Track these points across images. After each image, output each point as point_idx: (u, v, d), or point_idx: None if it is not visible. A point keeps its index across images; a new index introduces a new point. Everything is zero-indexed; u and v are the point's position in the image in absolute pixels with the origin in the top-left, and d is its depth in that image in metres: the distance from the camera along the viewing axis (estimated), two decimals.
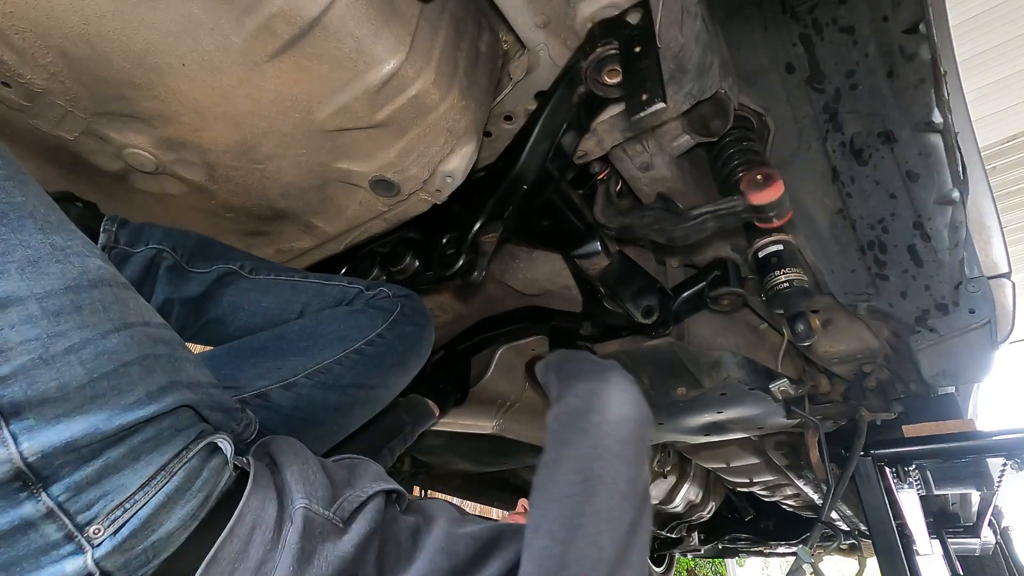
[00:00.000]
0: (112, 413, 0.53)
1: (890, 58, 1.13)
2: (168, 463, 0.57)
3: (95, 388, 0.52)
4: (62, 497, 0.50)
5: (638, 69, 0.83)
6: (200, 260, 0.97)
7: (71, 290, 0.53)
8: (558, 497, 0.64)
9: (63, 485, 0.50)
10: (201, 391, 0.65)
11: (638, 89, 0.81)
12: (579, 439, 0.69)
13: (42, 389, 0.49)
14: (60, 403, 0.50)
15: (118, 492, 0.53)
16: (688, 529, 4.12)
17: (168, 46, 0.75)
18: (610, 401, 0.73)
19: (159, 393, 0.57)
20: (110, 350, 0.54)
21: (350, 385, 0.94)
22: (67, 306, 0.52)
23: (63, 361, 0.51)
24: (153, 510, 0.55)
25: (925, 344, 1.47)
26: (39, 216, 0.54)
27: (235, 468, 0.65)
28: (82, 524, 0.51)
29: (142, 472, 0.55)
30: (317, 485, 0.66)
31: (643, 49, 0.83)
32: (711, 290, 1.41)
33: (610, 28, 0.88)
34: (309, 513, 0.62)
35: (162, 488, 0.56)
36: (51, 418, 0.50)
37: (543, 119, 1.03)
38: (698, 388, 1.71)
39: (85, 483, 0.52)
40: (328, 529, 0.63)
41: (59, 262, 0.53)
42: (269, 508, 0.62)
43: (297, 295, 1.01)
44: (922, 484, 1.70)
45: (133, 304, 0.59)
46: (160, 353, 0.60)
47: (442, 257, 1.13)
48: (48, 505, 0.50)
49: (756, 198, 0.98)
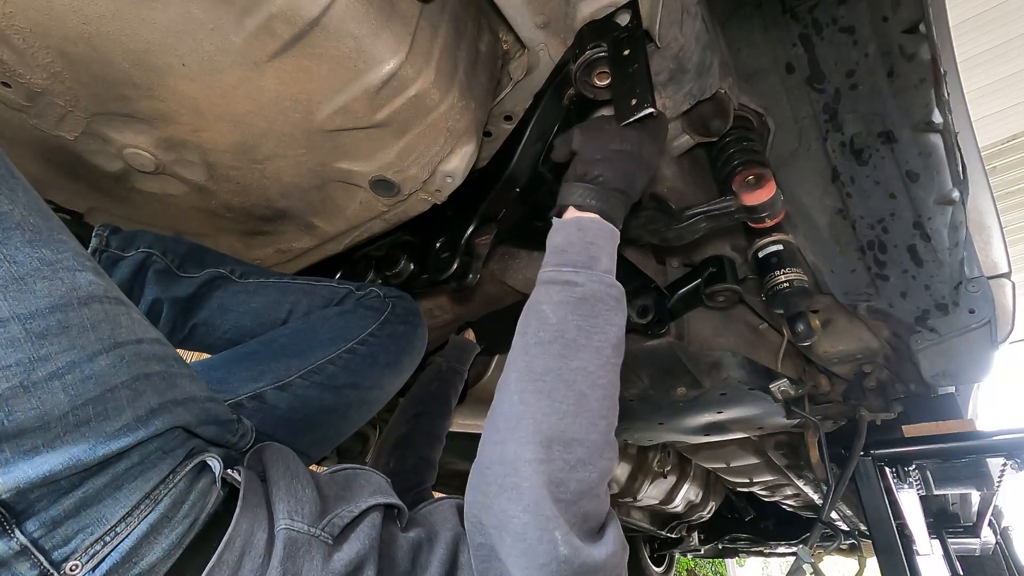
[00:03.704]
0: (96, 442, 0.49)
1: (890, 58, 1.13)
2: (153, 490, 0.54)
3: (78, 416, 0.48)
4: (37, 533, 0.47)
5: (627, 73, 0.81)
6: (191, 265, 0.97)
7: (58, 309, 0.49)
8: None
9: (38, 521, 0.47)
10: (195, 406, 0.62)
11: (627, 94, 0.79)
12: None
13: (21, 419, 0.45)
14: (39, 433, 0.46)
15: (97, 525, 0.50)
16: (688, 529, 4.12)
17: (168, 46, 0.75)
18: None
19: (148, 417, 0.54)
20: (97, 373, 0.50)
21: (345, 385, 0.93)
22: (53, 327, 0.48)
23: (45, 388, 0.47)
24: (135, 542, 0.51)
25: (925, 344, 1.48)
26: (28, 227, 0.50)
27: (224, 485, 0.61)
28: (58, 561, 0.48)
29: (124, 502, 0.51)
30: (304, 501, 0.62)
31: (632, 52, 0.82)
32: (707, 287, 1.41)
33: (599, 30, 0.88)
34: (292, 533, 0.58)
35: (145, 518, 0.52)
36: (28, 450, 0.46)
37: (534, 121, 1.02)
38: (698, 388, 1.71)
39: (62, 517, 0.48)
40: (314, 547, 0.59)
41: (47, 279, 0.49)
42: (259, 532, 0.58)
43: (286, 296, 1.01)
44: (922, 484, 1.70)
45: (125, 320, 0.56)
46: (152, 371, 0.56)
47: (436, 261, 1.13)
48: (22, 543, 0.46)
49: (748, 198, 0.98)
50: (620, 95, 0.81)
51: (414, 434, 1.28)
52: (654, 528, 3.73)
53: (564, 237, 0.70)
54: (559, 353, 0.61)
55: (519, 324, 0.66)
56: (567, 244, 0.69)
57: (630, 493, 3.01)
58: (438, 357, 1.46)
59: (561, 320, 0.62)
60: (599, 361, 0.63)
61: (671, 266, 1.59)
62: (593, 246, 0.69)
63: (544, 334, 0.62)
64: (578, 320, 0.63)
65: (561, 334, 0.62)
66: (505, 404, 0.62)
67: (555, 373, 0.61)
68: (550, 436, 0.58)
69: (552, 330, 0.62)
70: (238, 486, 0.61)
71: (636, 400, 1.88)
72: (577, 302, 0.64)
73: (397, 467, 1.21)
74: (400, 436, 1.27)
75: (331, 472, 0.76)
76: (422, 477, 1.22)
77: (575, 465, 0.58)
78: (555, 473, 0.56)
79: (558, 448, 0.58)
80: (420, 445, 1.27)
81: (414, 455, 1.24)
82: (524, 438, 0.58)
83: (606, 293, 0.66)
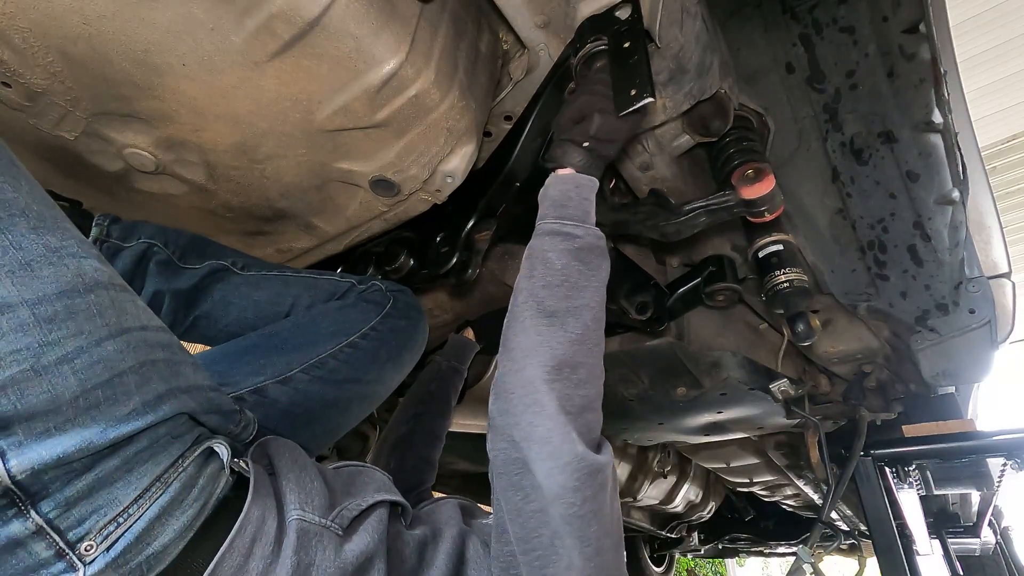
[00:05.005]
0: (107, 425, 0.50)
1: (890, 58, 1.13)
2: (163, 473, 0.55)
3: (89, 399, 0.50)
4: (52, 514, 0.48)
5: (627, 65, 0.82)
6: (192, 257, 0.97)
7: (65, 294, 0.50)
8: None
9: (53, 501, 0.48)
10: (199, 395, 0.63)
11: (627, 85, 0.80)
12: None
13: (33, 402, 0.46)
14: (51, 416, 0.47)
15: (111, 506, 0.51)
16: (688, 529, 4.12)
17: (168, 46, 0.75)
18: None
19: (156, 402, 0.55)
20: (105, 358, 0.51)
21: (346, 380, 0.93)
22: (61, 312, 0.49)
23: (55, 371, 0.48)
24: (147, 523, 0.52)
25: (925, 344, 1.47)
26: (32, 214, 0.51)
27: (232, 472, 0.62)
28: (73, 541, 0.49)
29: (136, 484, 0.53)
30: (314, 493, 0.64)
31: (632, 45, 0.83)
32: (706, 286, 1.41)
33: (599, 24, 0.88)
34: (303, 524, 0.60)
35: (157, 500, 0.53)
36: (41, 432, 0.47)
37: (535, 115, 1.02)
38: (698, 388, 1.71)
39: (76, 498, 0.49)
40: (326, 537, 0.61)
41: (53, 265, 0.50)
42: (270, 520, 0.60)
43: (288, 289, 1.01)
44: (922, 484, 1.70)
45: (131, 308, 0.57)
46: (158, 358, 0.57)
47: (436, 256, 1.13)
48: (37, 523, 0.48)
49: (747, 192, 0.98)
50: (620, 86, 0.81)
51: (414, 434, 1.29)
52: (654, 528, 3.73)
53: (562, 192, 0.80)
54: (566, 295, 0.72)
55: (524, 268, 0.76)
56: (566, 199, 0.79)
57: (630, 493, 3.01)
58: (437, 356, 1.46)
59: (565, 266, 0.73)
60: (597, 298, 0.74)
61: (671, 265, 1.59)
62: (587, 202, 0.79)
63: (551, 278, 0.72)
64: (579, 266, 0.74)
65: (566, 278, 0.73)
66: (520, 337, 0.70)
67: (564, 311, 0.71)
68: (561, 361, 0.67)
69: (558, 275, 0.73)
70: (247, 474, 0.63)
71: (636, 400, 1.88)
72: (577, 251, 0.75)
73: (397, 467, 1.21)
74: (400, 436, 1.27)
75: (335, 468, 0.76)
76: (422, 477, 1.22)
77: (578, 383, 0.67)
78: (563, 390, 0.66)
79: (567, 370, 0.67)
80: (420, 445, 1.27)
81: (414, 455, 1.25)
82: (541, 362, 0.67)
83: (596, 244, 0.77)
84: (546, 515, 0.61)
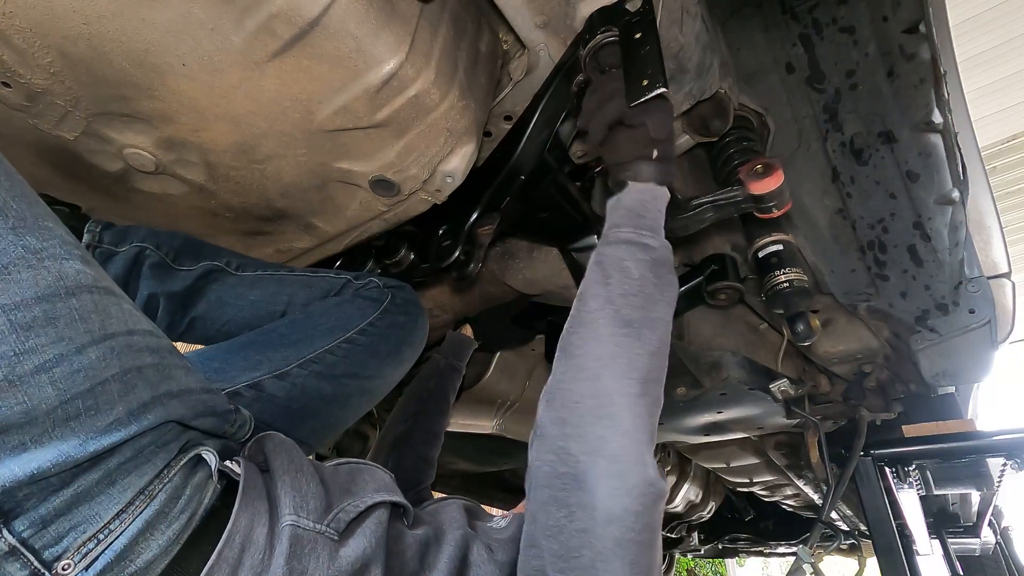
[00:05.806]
0: (86, 437, 0.48)
1: (890, 58, 1.13)
2: (147, 486, 0.52)
3: (67, 410, 0.47)
4: (26, 533, 0.46)
5: (638, 55, 0.81)
6: (186, 258, 0.96)
7: (44, 299, 0.47)
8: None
9: (27, 519, 0.46)
10: (190, 399, 0.61)
11: (639, 76, 0.79)
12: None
13: (6, 415, 0.44)
14: (26, 429, 0.45)
15: (90, 523, 0.48)
16: (688, 529, 4.12)
17: (168, 46, 0.75)
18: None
19: (140, 410, 0.52)
20: (87, 366, 0.48)
21: (344, 375, 0.93)
22: (39, 318, 0.46)
23: (31, 382, 0.45)
24: (130, 539, 0.49)
25: (925, 344, 1.48)
26: (11, 213, 0.48)
27: (222, 478, 0.60)
28: (49, 560, 0.46)
29: (118, 498, 0.50)
30: (309, 496, 0.62)
31: (643, 36, 0.82)
32: (708, 284, 1.41)
33: (610, 15, 0.88)
34: (297, 530, 0.57)
35: (140, 514, 0.50)
36: (16, 446, 0.44)
37: (541, 108, 1.02)
38: (698, 388, 1.71)
39: (52, 515, 0.47)
40: (320, 544, 0.58)
41: (32, 268, 0.47)
42: (259, 527, 0.57)
43: (283, 288, 1.00)
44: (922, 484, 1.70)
45: (115, 311, 0.54)
46: (144, 364, 0.55)
47: (438, 249, 1.12)
48: (10, 542, 0.45)
49: (756, 187, 0.97)
50: (631, 77, 0.80)
51: (412, 432, 1.28)
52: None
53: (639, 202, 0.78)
54: (642, 305, 0.69)
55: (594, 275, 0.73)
56: (643, 209, 0.77)
57: None
58: (435, 353, 1.46)
59: (642, 276, 0.71)
60: (670, 313, 0.72)
61: None
62: (661, 214, 0.78)
63: (628, 287, 0.70)
64: (654, 279, 0.72)
65: (642, 288, 0.70)
66: (593, 344, 0.66)
67: (640, 321, 0.68)
68: (645, 375, 0.64)
69: (635, 284, 0.70)
70: (236, 479, 0.61)
71: None
72: (653, 262, 0.73)
73: (396, 465, 1.21)
74: (399, 435, 1.27)
75: (335, 465, 0.75)
76: (421, 476, 1.22)
77: (656, 401, 0.65)
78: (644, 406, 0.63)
79: (652, 385, 0.65)
80: (419, 443, 1.27)
81: (413, 453, 1.24)
82: (619, 373, 0.63)
83: (669, 258, 0.75)
84: (592, 536, 0.57)
